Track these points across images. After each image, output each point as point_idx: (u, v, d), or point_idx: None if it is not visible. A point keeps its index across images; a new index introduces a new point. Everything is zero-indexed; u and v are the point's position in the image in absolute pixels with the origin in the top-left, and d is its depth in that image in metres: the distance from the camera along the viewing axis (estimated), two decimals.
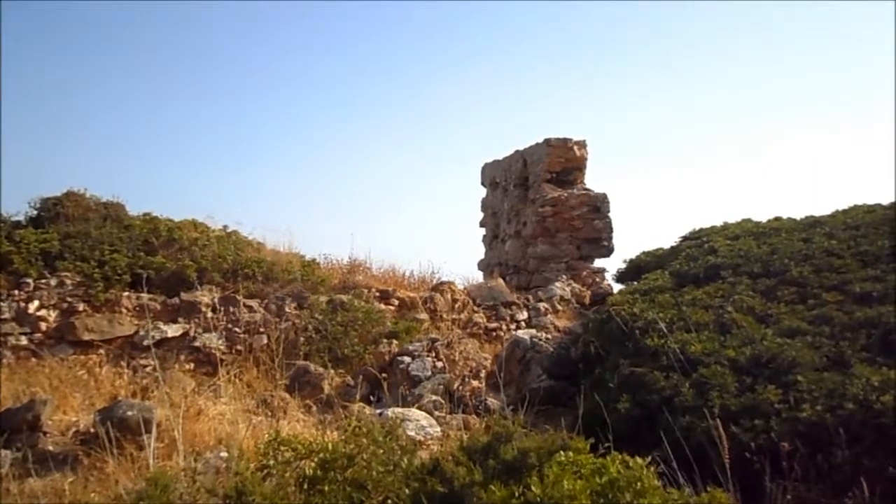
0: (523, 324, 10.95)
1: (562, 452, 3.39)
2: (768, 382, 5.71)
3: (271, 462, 4.36)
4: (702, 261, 9.52)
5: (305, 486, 3.68)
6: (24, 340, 8.45)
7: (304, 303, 9.89)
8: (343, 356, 9.17)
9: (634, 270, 11.81)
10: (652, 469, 3.09)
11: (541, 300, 11.48)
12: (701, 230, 11.91)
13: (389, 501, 3.11)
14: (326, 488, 3.62)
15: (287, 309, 9.80)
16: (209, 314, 9.51)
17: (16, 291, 8.63)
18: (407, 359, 8.67)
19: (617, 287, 12.17)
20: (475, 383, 7.92)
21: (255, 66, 51.11)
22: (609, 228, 14.36)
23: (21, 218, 9.92)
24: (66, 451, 6.10)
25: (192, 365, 9.17)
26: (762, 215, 11.74)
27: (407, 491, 3.17)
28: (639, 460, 3.12)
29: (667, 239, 13.40)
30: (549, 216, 14.14)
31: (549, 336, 9.78)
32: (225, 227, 11.19)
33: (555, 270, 13.76)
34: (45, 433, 6.33)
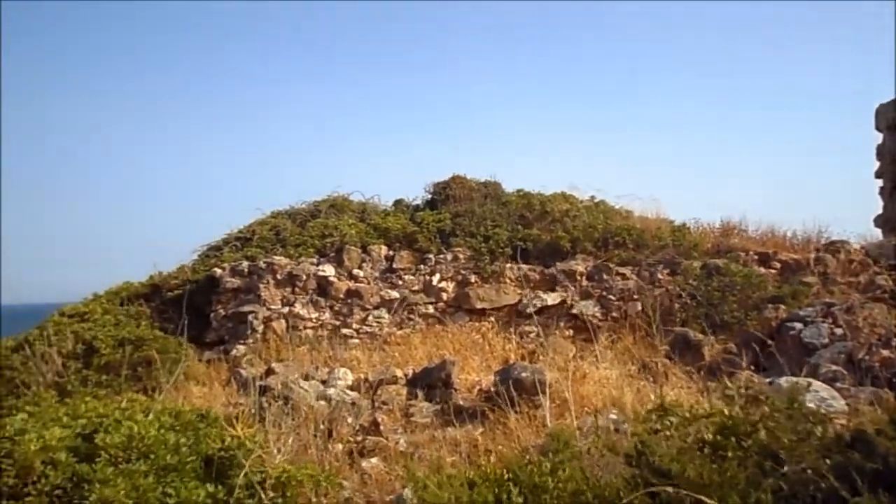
0: None
1: None
2: None
3: (659, 426, 4.39)
4: None
5: (706, 451, 3.63)
6: (430, 309, 9.79)
7: (677, 269, 9.71)
8: (722, 322, 8.80)
9: None
10: None
11: None
12: None
13: (809, 472, 2.91)
14: (730, 454, 3.53)
15: (659, 275, 9.73)
16: (584, 282, 9.88)
17: (421, 266, 10.03)
18: (798, 325, 7.97)
19: None
20: (885, 353, 6.97)
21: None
22: None
23: (419, 202, 11.47)
24: (473, 407, 6.88)
25: (570, 331, 9.61)
26: None
27: (828, 462, 2.94)
28: None
29: None
30: None
31: None
32: (592, 197, 11.49)
33: None
34: (455, 390, 7.22)
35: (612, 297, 9.72)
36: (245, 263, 9.92)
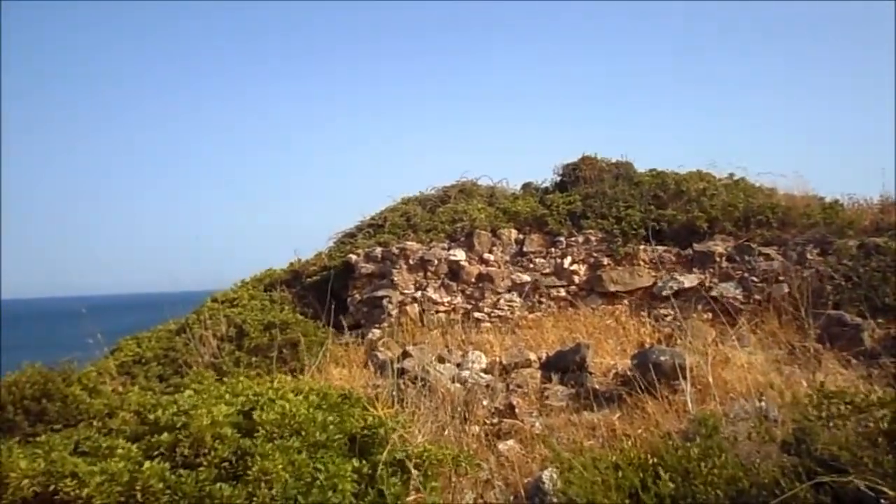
0: None
1: None
2: None
3: (822, 413, 4.12)
4: None
5: (880, 441, 3.38)
6: (562, 292, 9.70)
7: (829, 248, 9.07)
8: (884, 306, 8.14)
9: None
10: None
11: None
12: None
13: None
14: None
15: (808, 255, 9.12)
16: (723, 263, 9.44)
17: (552, 249, 9.95)
18: None
19: None
20: None
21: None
22: None
23: (548, 184, 11.36)
24: (609, 391, 6.75)
25: (709, 314, 9.21)
26: None
27: None
28: None
29: None
30: None
31: None
32: (731, 174, 10.93)
33: None
34: (590, 373, 7.11)
35: (754, 278, 9.23)
36: (378, 249, 10.19)
